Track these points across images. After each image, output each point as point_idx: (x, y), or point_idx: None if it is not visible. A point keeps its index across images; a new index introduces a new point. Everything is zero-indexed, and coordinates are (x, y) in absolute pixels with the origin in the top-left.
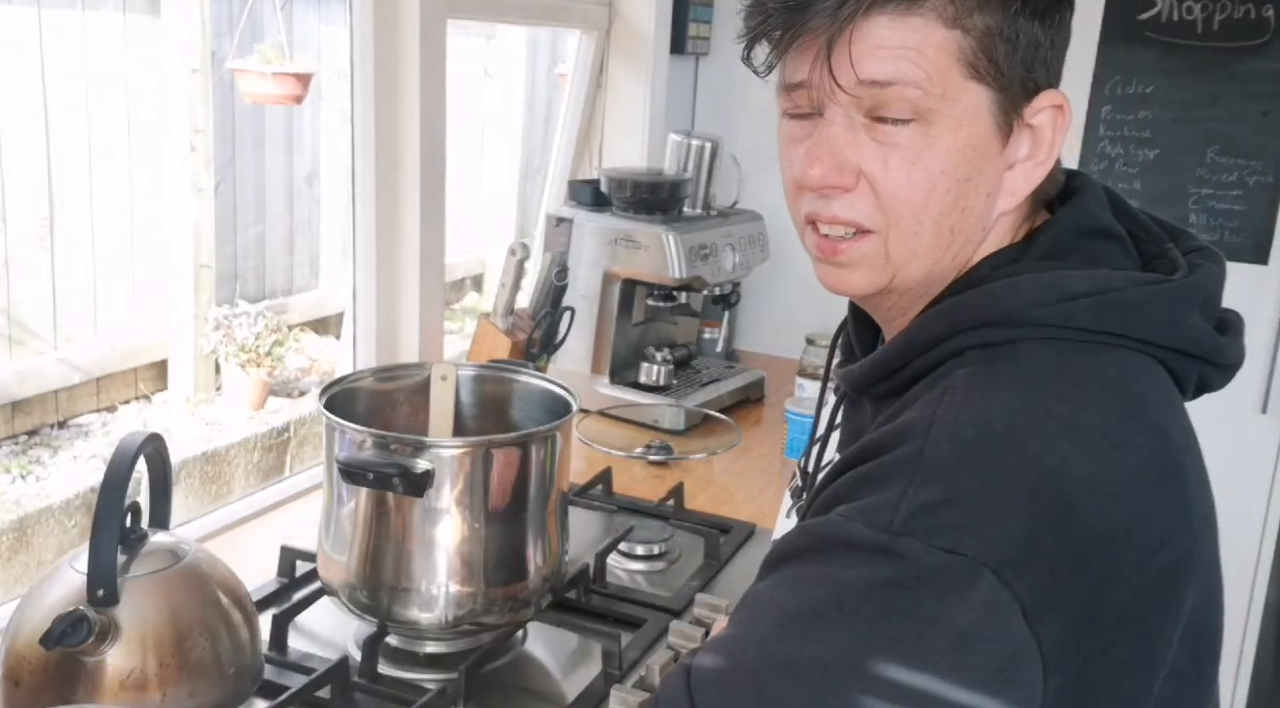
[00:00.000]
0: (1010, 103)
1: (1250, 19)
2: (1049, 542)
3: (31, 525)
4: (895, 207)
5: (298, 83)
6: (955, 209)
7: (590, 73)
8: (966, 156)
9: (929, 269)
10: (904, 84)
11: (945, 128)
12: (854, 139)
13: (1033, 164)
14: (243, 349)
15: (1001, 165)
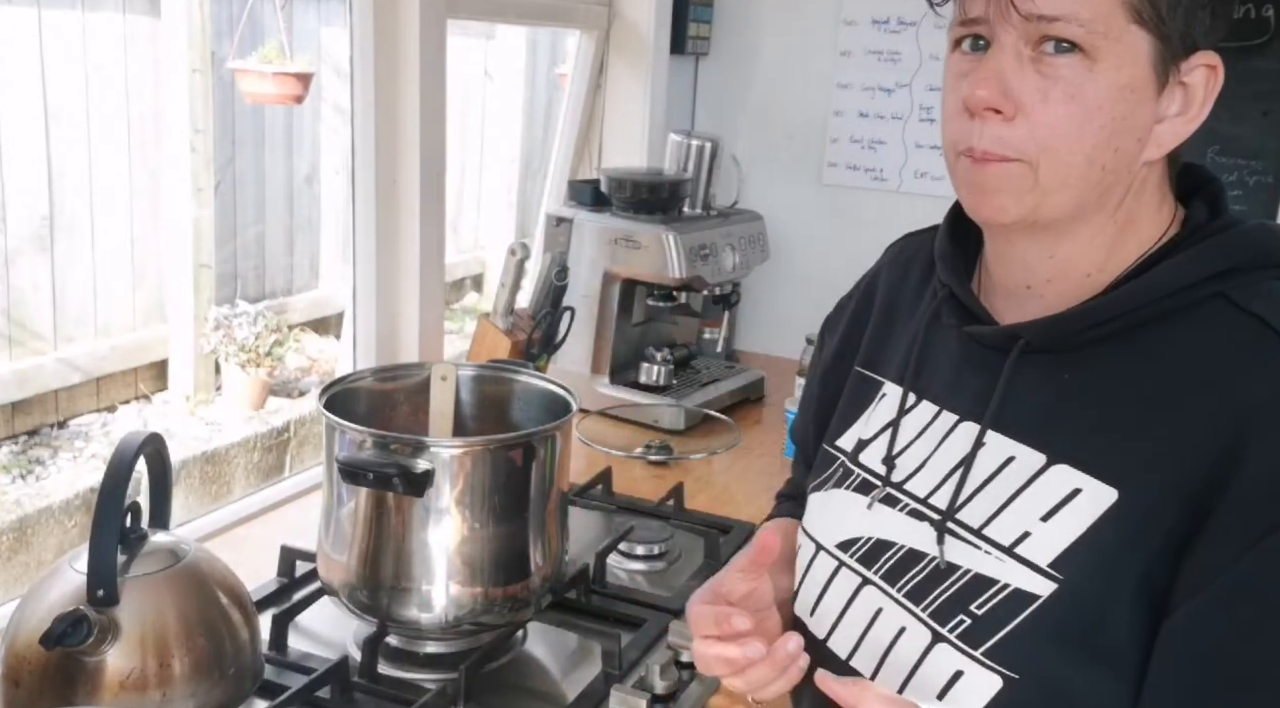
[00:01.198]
0: (1169, 53)
1: (1250, 19)
2: None
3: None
4: (1050, 137)
5: (298, 83)
6: (1108, 147)
7: (590, 73)
8: (1124, 96)
9: (1076, 204)
10: (1069, 20)
11: (1107, 65)
12: (1020, 69)
13: (1184, 120)
14: (243, 349)
15: (1154, 114)
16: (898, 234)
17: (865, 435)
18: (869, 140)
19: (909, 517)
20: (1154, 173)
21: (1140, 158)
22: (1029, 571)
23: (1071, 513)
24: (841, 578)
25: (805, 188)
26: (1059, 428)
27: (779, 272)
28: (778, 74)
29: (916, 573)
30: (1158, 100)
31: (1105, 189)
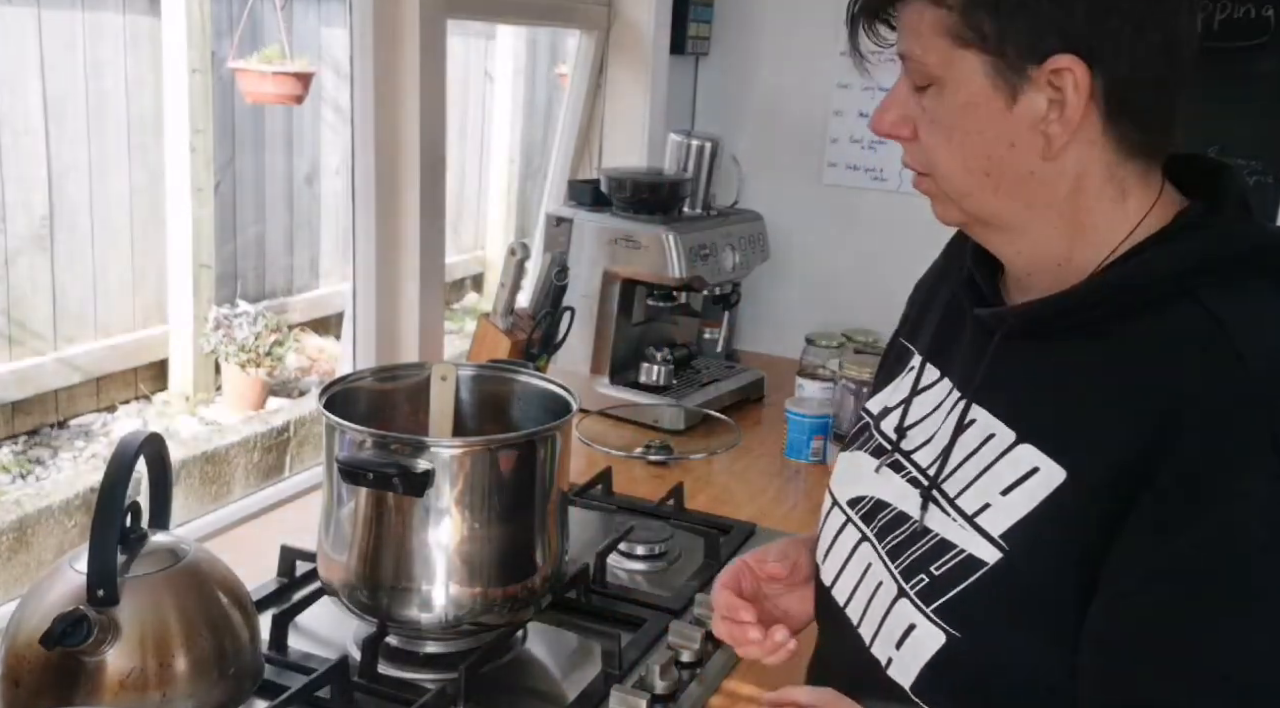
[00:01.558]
0: (1006, 65)
1: (1250, 19)
2: None
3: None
4: (931, 156)
5: (298, 83)
6: (979, 157)
7: (590, 73)
8: (969, 113)
9: (997, 205)
10: (913, 59)
11: (949, 90)
12: (909, 99)
13: (1057, 118)
14: (243, 349)
15: (1019, 120)
16: (897, 234)
17: (890, 403)
18: (869, 140)
19: (907, 483)
20: (1094, 167)
21: (1034, 156)
22: (983, 539)
23: (1027, 489)
24: (847, 533)
25: (805, 188)
26: (1029, 409)
27: (779, 272)
28: (778, 74)
29: (900, 533)
30: (1011, 109)
31: (1019, 189)
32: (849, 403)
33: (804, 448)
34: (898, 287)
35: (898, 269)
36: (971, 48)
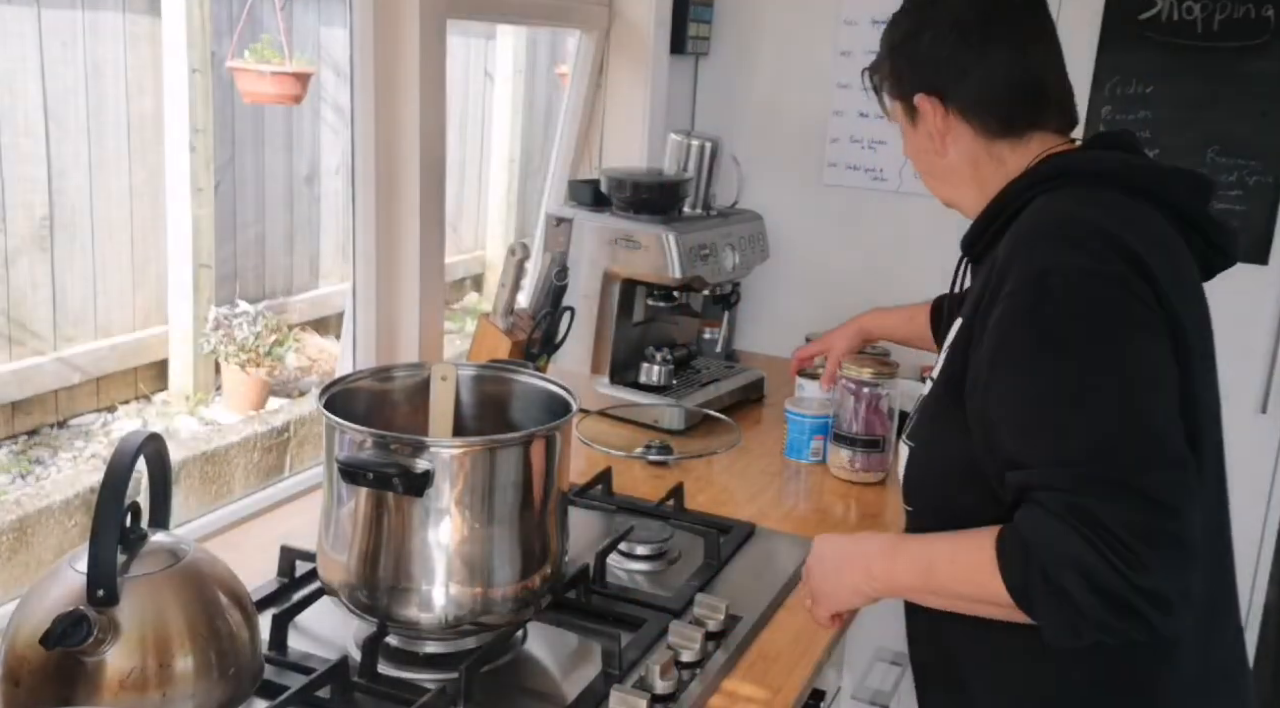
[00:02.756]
0: (906, 104)
1: (1250, 19)
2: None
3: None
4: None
5: (297, 83)
6: (921, 163)
7: (590, 73)
8: (908, 139)
9: (952, 194)
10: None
11: (897, 124)
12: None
13: (934, 131)
14: (243, 349)
15: (921, 136)
16: (897, 234)
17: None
18: (869, 140)
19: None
20: (975, 155)
21: (939, 157)
22: (930, 382)
23: (951, 344)
24: None
25: (805, 188)
26: (968, 304)
27: (779, 272)
28: (778, 74)
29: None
30: (919, 129)
31: (948, 179)
32: (849, 403)
33: (804, 448)
34: (898, 286)
35: (898, 268)
36: (894, 97)
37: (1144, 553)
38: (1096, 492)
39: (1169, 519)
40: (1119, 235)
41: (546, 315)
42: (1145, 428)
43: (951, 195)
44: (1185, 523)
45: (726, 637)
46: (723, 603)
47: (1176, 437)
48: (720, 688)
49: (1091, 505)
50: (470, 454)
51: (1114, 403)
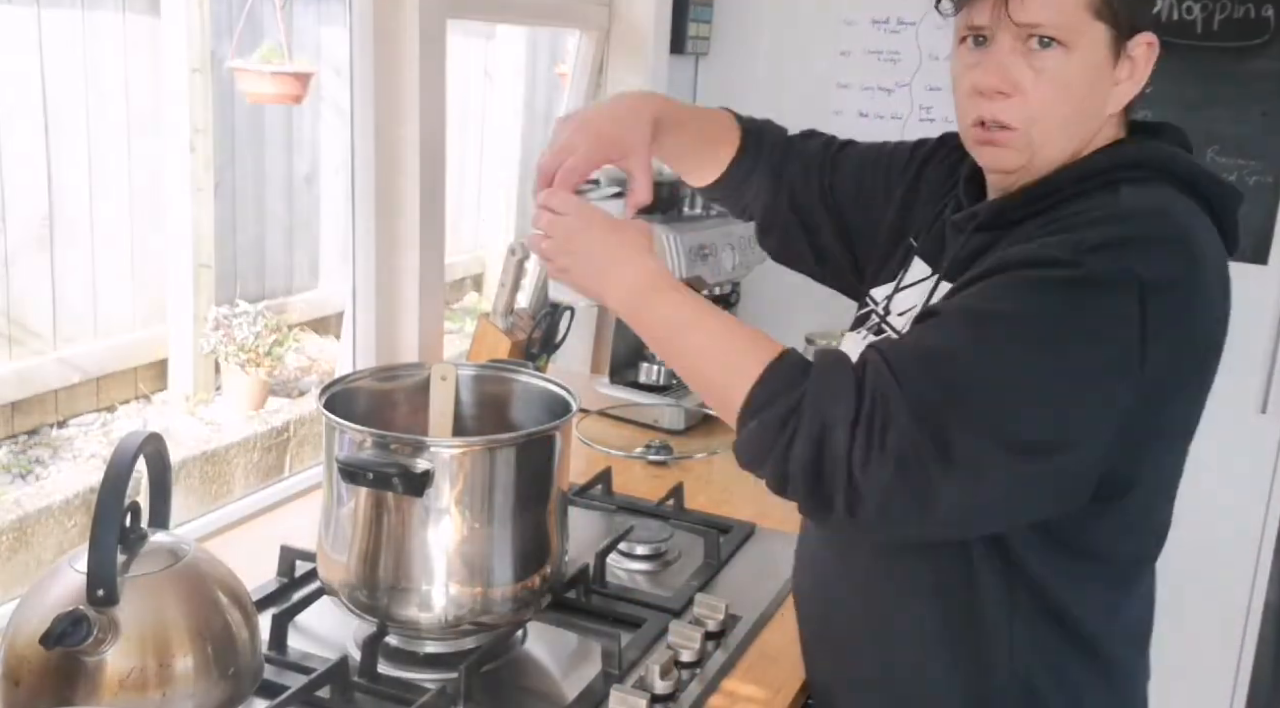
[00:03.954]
0: (1120, 37)
1: (1250, 19)
2: (1182, 281)
3: (31, 525)
4: (1036, 109)
5: (297, 82)
6: (1079, 111)
7: (590, 73)
8: (1090, 74)
9: (1062, 150)
10: (1049, 25)
11: (1079, 53)
12: (1016, 61)
13: (1131, 84)
14: (243, 349)
15: (1110, 82)
16: None
17: (889, 291)
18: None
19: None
20: (1110, 122)
21: (1109, 109)
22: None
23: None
24: None
25: None
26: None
27: (779, 272)
28: (778, 74)
29: None
30: (1113, 72)
31: (1079, 139)
32: None
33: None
34: None
35: None
36: (1104, 19)
37: (889, 473)
38: (916, 408)
39: (940, 479)
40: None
41: (546, 315)
42: (1038, 407)
43: (1055, 155)
44: (945, 500)
45: (726, 637)
46: (722, 603)
47: (1070, 450)
48: (720, 688)
49: (897, 410)
50: (470, 454)
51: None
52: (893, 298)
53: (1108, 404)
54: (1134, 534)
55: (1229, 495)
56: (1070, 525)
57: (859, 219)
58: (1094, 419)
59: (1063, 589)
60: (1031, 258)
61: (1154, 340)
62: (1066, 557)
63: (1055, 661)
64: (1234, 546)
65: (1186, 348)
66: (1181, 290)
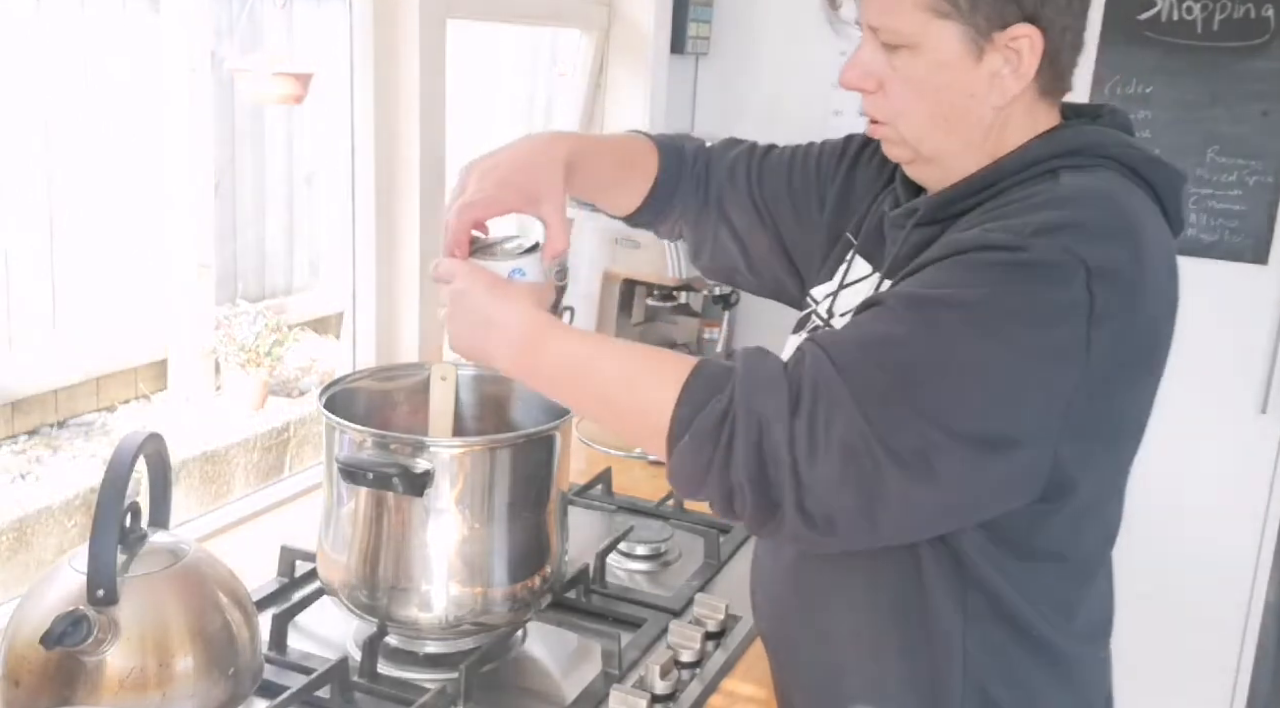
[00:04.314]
0: (978, 32)
1: (1250, 19)
2: (1126, 267)
3: (31, 525)
4: (896, 106)
5: (298, 83)
6: (942, 105)
7: (590, 73)
8: (946, 73)
9: (947, 146)
10: (884, 29)
11: (923, 54)
12: (878, 58)
13: (1015, 76)
14: (243, 349)
15: (981, 76)
16: None
17: (832, 289)
18: None
19: None
20: (1016, 110)
21: (987, 105)
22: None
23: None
24: None
25: None
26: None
27: None
28: (778, 74)
29: None
30: (977, 67)
31: (965, 130)
32: None
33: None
34: None
35: None
36: (947, 19)
37: (836, 467)
38: (861, 396)
39: (890, 470)
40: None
41: None
42: (987, 394)
43: (944, 149)
44: (896, 493)
45: (726, 637)
46: (722, 603)
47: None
48: (720, 688)
49: (840, 398)
50: (470, 454)
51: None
52: (835, 298)
53: (1056, 393)
54: (1083, 534)
55: (1229, 495)
56: (1019, 526)
57: (791, 220)
58: (1043, 409)
59: (1014, 592)
60: (975, 243)
61: (1100, 326)
62: (1016, 558)
63: (1011, 664)
64: (1234, 546)
65: (1132, 336)
66: (1127, 276)
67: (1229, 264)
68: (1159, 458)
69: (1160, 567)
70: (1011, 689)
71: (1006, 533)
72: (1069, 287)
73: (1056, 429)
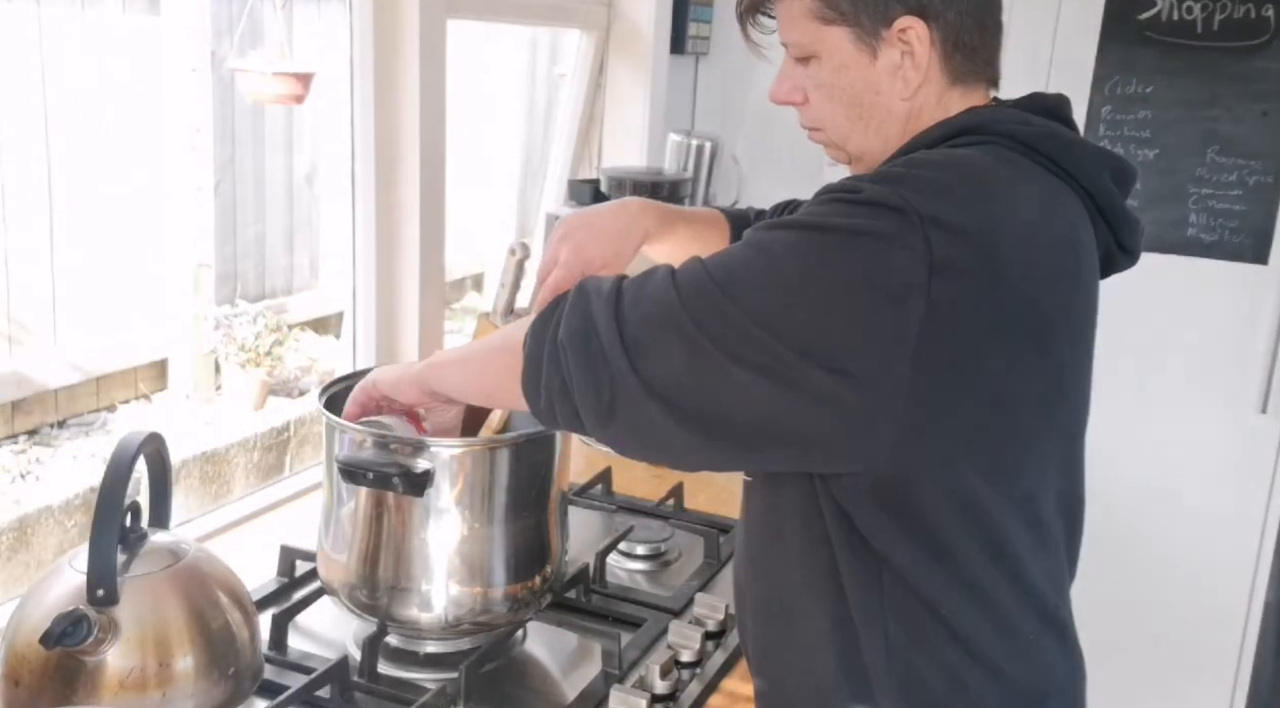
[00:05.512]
0: (865, 31)
1: (1250, 19)
2: (973, 226)
3: (31, 525)
4: (820, 113)
5: (299, 82)
6: (854, 105)
7: (590, 73)
8: (847, 74)
9: (867, 142)
10: (793, 44)
11: (825, 60)
12: (798, 72)
13: (910, 65)
14: (243, 349)
15: (881, 72)
16: None
17: None
18: None
19: None
20: (927, 101)
21: (895, 98)
22: None
23: None
24: None
25: (805, 188)
26: None
27: None
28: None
29: None
30: (875, 63)
31: (878, 125)
32: None
33: None
34: None
35: None
36: (834, 24)
37: (645, 322)
38: (683, 284)
39: (700, 340)
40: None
41: None
42: (808, 309)
43: (866, 146)
44: (705, 365)
45: (726, 637)
46: (722, 603)
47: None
48: (720, 688)
49: (662, 280)
50: (470, 454)
51: (808, 281)
52: None
53: (888, 332)
54: (962, 534)
55: (1229, 495)
56: (891, 503)
57: None
58: (873, 344)
59: (921, 572)
60: (819, 191)
61: (943, 278)
62: (909, 540)
63: (934, 646)
64: (1234, 545)
65: (995, 302)
66: (975, 235)
67: (1229, 264)
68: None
69: (1160, 567)
70: (938, 670)
71: (905, 524)
72: (900, 227)
73: (894, 379)
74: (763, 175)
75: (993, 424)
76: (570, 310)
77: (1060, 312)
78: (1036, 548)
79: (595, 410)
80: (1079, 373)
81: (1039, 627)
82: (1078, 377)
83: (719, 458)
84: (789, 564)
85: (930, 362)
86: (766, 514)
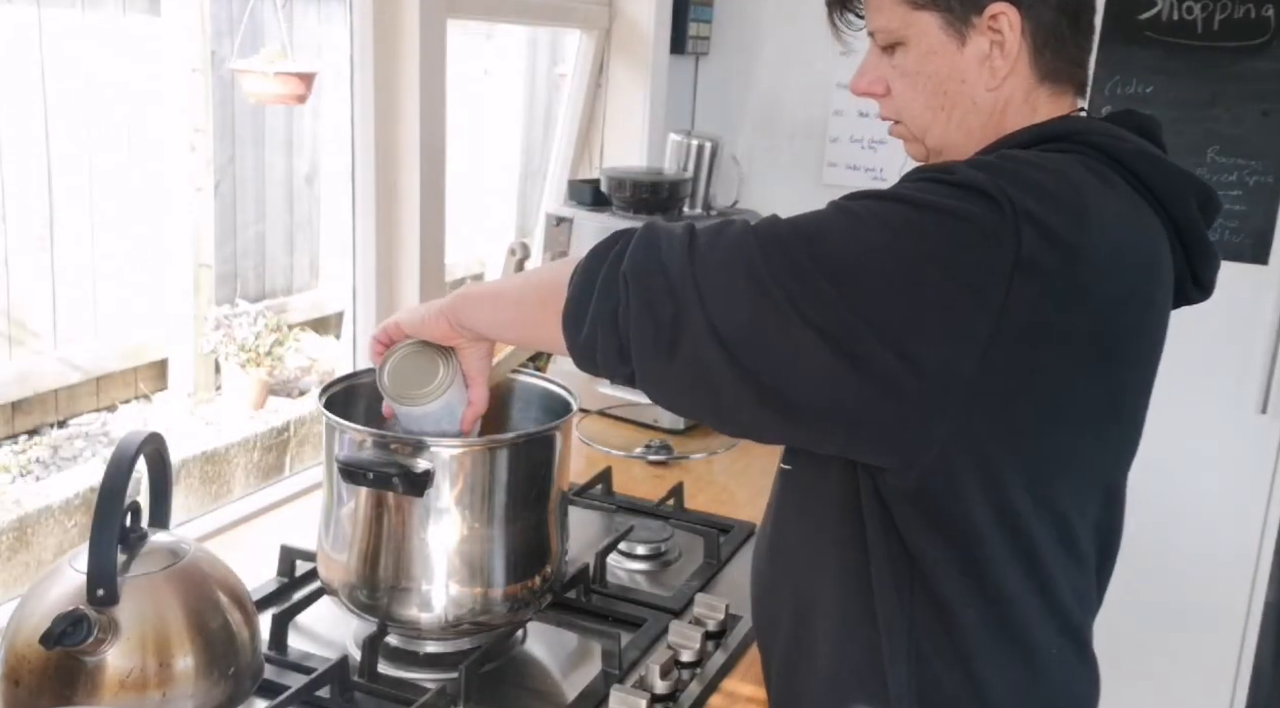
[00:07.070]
0: (955, 17)
1: (1250, 19)
2: (1065, 230)
3: (31, 525)
4: (901, 103)
5: (300, 82)
6: (938, 94)
7: (590, 73)
8: (930, 60)
9: (949, 134)
10: (880, 31)
11: (912, 47)
12: (883, 63)
13: (999, 54)
14: (243, 349)
15: (969, 60)
16: None
17: None
18: (869, 140)
19: None
20: (1014, 96)
21: (980, 88)
22: None
23: None
24: None
25: (805, 188)
26: None
27: None
28: (778, 74)
29: None
30: (962, 51)
31: (962, 116)
32: None
33: None
34: None
35: None
36: (925, 9)
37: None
38: (764, 235)
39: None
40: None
41: None
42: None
43: (947, 138)
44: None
45: (726, 637)
46: (722, 603)
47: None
48: (720, 688)
49: (744, 227)
50: (470, 454)
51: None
52: None
53: (962, 322)
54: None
55: (1229, 495)
56: (929, 506)
57: None
58: (945, 333)
59: (952, 574)
60: (907, 174)
61: (1027, 277)
62: (956, 556)
63: (954, 645)
64: (1234, 546)
65: (1074, 309)
66: (1063, 238)
67: (1229, 264)
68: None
69: (1160, 567)
70: (954, 675)
71: (929, 512)
72: (992, 215)
73: (958, 375)
74: (763, 175)
75: (1045, 435)
76: (637, 245)
77: (1132, 334)
78: (1069, 566)
79: (653, 347)
80: (1137, 398)
81: (1061, 643)
82: (1135, 401)
83: (762, 422)
84: (822, 555)
85: (996, 362)
86: (804, 502)
